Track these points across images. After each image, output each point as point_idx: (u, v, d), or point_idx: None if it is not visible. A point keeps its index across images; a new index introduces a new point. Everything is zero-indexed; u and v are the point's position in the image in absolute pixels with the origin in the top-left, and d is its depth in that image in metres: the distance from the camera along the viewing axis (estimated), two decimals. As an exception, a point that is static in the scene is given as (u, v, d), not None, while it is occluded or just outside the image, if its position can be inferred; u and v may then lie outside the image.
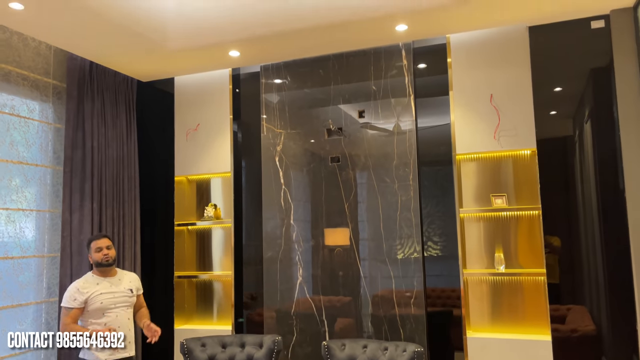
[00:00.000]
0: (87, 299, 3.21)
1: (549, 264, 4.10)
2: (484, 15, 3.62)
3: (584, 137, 4.33)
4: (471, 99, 3.92)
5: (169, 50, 3.90)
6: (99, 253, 3.34)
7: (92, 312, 3.23)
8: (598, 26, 3.69)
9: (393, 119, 4.17)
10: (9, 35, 3.74)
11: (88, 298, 3.21)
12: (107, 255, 3.35)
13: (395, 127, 4.16)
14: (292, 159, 4.41)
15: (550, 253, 4.30)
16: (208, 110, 4.62)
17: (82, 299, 3.20)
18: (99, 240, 3.38)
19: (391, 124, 4.18)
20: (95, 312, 3.24)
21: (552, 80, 4.07)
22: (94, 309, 3.23)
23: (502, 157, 3.88)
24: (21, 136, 3.82)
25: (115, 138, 4.35)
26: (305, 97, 4.46)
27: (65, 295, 3.24)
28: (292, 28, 3.63)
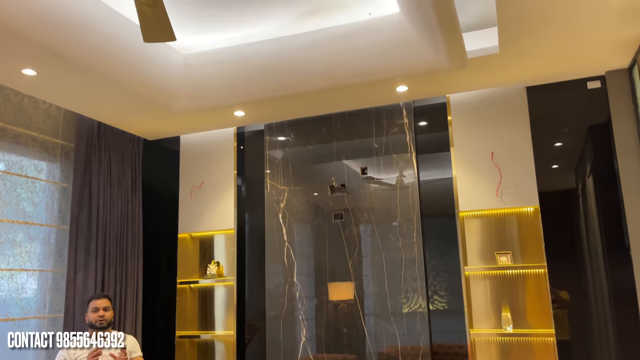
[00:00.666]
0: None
1: (558, 318, 4.02)
2: (482, 77, 3.73)
3: (587, 192, 4.35)
4: (472, 156, 3.96)
5: (176, 112, 4.00)
6: (95, 314, 3.32)
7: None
8: (594, 87, 3.78)
9: (395, 173, 4.22)
10: (20, 99, 3.85)
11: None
12: (103, 317, 3.32)
13: (397, 182, 4.20)
14: (295, 216, 4.42)
15: (560, 308, 4.23)
16: (213, 167, 4.68)
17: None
18: (98, 300, 3.36)
19: (394, 179, 4.22)
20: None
21: (552, 136, 4.13)
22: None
23: (506, 214, 3.88)
24: (28, 196, 3.86)
25: (121, 196, 4.39)
26: (308, 154, 4.53)
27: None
28: (295, 92, 3.74)
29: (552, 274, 3.71)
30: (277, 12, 3.35)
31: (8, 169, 3.73)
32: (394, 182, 4.21)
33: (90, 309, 3.35)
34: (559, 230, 4.06)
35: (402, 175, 4.18)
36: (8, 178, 3.73)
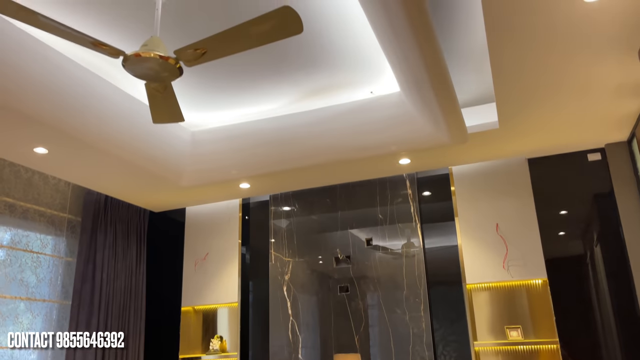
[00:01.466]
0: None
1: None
2: (483, 151, 3.79)
3: (595, 260, 4.29)
4: (477, 227, 3.96)
5: (182, 187, 4.06)
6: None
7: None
8: (595, 159, 3.83)
9: (401, 241, 4.20)
10: (30, 175, 3.93)
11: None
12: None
13: (403, 250, 4.18)
14: (300, 288, 4.36)
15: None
16: (217, 238, 4.68)
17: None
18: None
19: (399, 247, 4.20)
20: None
21: (556, 205, 4.14)
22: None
23: (514, 286, 3.82)
24: (32, 271, 3.85)
25: (125, 269, 4.37)
26: (313, 224, 4.53)
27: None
28: (300, 166, 3.80)
29: (565, 349, 3.59)
30: (283, 91, 3.48)
31: (14, 244, 3.75)
32: (399, 250, 4.19)
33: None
34: (569, 302, 3.97)
35: (407, 245, 4.16)
36: (14, 253, 3.74)
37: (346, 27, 2.78)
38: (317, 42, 2.90)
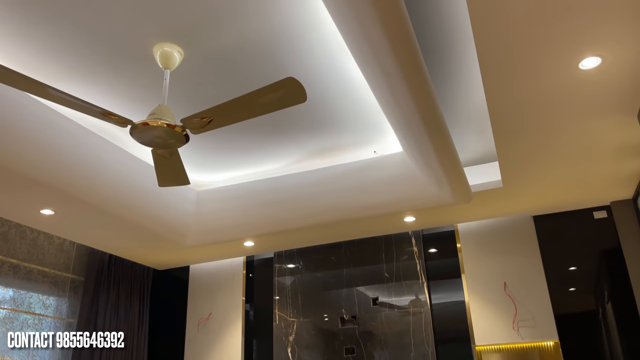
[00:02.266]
0: None
1: None
2: (488, 209, 3.79)
3: (607, 317, 4.18)
4: (484, 286, 3.89)
5: (186, 246, 4.05)
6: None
7: None
8: (601, 216, 3.81)
9: (407, 299, 4.12)
10: (36, 235, 3.94)
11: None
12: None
13: (410, 308, 4.09)
14: (305, 350, 4.25)
15: None
16: (221, 296, 4.61)
17: None
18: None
19: (406, 304, 4.12)
20: None
21: (564, 261, 4.08)
22: None
23: (526, 348, 3.71)
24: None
25: (126, 330, 4.29)
26: (318, 281, 4.47)
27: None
28: (305, 225, 3.80)
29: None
30: (287, 151, 3.52)
31: (17, 305, 3.70)
32: (406, 307, 4.10)
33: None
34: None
35: (414, 302, 4.08)
36: (15, 316, 3.69)
37: (348, 91, 2.85)
38: (320, 105, 2.97)
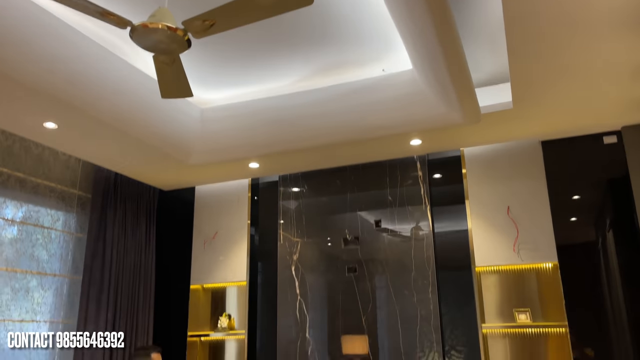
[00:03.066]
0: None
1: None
2: (496, 132, 3.73)
3: (607, 246, 4.23)
4: (488, 210, 3.91)
5: (191, 165, 4.05)
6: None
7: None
8: (611, 142, 3.75)
9: (410, 225, 4.17)
10: (40, 150, 3.95)
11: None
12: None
13: (412, 234, 4.14)
14: (308, 269, 4.36)
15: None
16: (226, 218, 4.68)
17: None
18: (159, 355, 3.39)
19: (408, 230, 4.16)
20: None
21: (569, 190, 4.08)
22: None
23: (524, 270, 3.78)
24: (43, 247, 3.89)
25: (134, 247, 4.40)
26: (322, 205, 4.51)
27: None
28: (310, 146, 3.77)
29: (574, 333, 3.56)
30: (293, 67, 3.43)
31: (25, 219, 3.78)
32: (408, 234, 4.16)
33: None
34: (579, 287, 3.93)
35: (417, 228, 4.13)
36: (25, 228, 3.77)
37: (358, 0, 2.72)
38: (328, 15, 2.85)
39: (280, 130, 3.72)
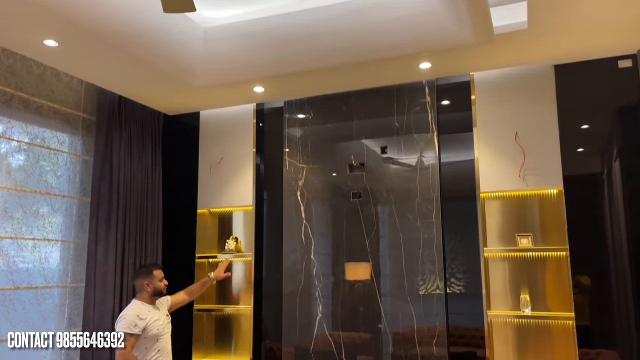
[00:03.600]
0: (145, 325, 3.29)
1: (578, 304, 3.97)
2: (509, 54, 3.62)
3: (613, 176, 4.23)
4: (495, 136, 3.88)
5: (195, 87, 3.99)
6: (162, 282, 3.46)
7: (149, 338, 3.32)
8: (625, 65, 3.65)
9: (416, 154, 4.16)
10: (42, 70, 3.88)
11: (147, 324, 3.30)
12: (167, 285, 3.51)
13: (418, 163, 4.14)
14: (313, 194, 4.41)
15: (580, 293, 4.16)
16: (232, 144, 4.68)
17: (142, 325, 3.28)
18: (161, 271, 3.50)
19: (414, 159, 4.16)
20: (152, 338, 3.33)
21: (578, 118, 4.02)
22: (152, 335, 3.32)
23: (528, 196, 3.81)
24: (50, 167, 3.92)
25: (141, 170, 4.42)
26: (327, 132, 4.49)
27: (123, 321, 3.27)
28: (316, 67, 3.69)
29: (574, 258, 3.64)
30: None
31: (31, 140, 3.78)
32: (414, 163, 4.15)
33: (157, 278, 3.46)
34: (582, 214, 3.97)
35: (423, 157, 4.12)
36: (31, 149, 3.78)
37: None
38: None
39: (285, 50, 3.63)
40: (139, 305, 3.40)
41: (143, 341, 3.33)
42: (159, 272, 3.49)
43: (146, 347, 3.35)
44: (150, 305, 3.44)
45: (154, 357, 3.35)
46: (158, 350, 3.38)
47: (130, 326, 3.25)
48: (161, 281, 3.48)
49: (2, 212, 3.51)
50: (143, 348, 3.34)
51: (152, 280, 3.45)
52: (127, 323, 3.25)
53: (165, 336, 3.48)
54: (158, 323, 3.40)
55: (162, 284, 3.48)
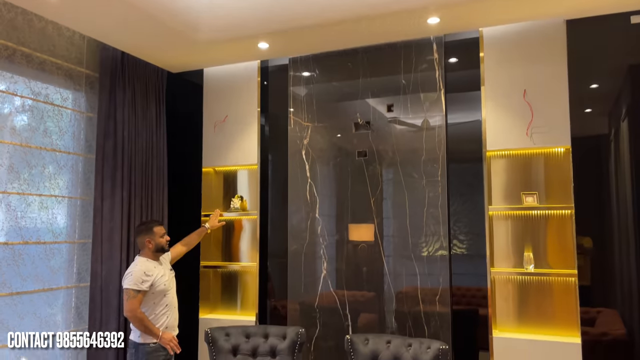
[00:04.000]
0: (152, 282, 3.37)
1: (580, 265, 4.00)
2: (520, 8, 3.53)
3: (620, 136, 4.20)
4: (503, 94, 3.83)
5: (199, 42, 3.92)
6: (163, 238, 3.52)
7: (156, 294, 3.42)
8: (637, 21, 3.56)
9: (422, 114, 4.12)
10: (44, 25, 3.82)
11: (154, 281, 3.37)
12: (169, 241, 3.57)
13: (424, 123, 4.10)
14: (318, 153, 4.39)
15: (581, 254, 4.19)
16: (236, 102, 4.64)
17: (150, 282, 3.36)
18: (162, 227, 3.56)
19: (420, 120, 4.12)
20: (159, 294, 3.43)
21: (588, 77, 3.96)
22: (159, 290, 3.42)
23: (534, 154, 3.79)
24: (54, 124, 3.90)
25: (145, 128, 4.40)
26: (333, 90, 4.44)
27: (130, 278, 3.34)
28: (322, 21, 3.61)
29: (578, 216, 3.64)
30: None
31: (35, 96, 3.75)
32: (420, 124, 4.12)
33: (158, 235, 3.54)
34: (588, 174, 3.96)
35: (429, 117, 4.08)
36: (36, 106, 3.76)
37: None
38: None
39: (289, 3, 3.54)
40: (145, 262, 3.45)
41: (151, 297, 3.40)
42: (159, 229, 3.53)
43: (154, 303, 3.43)
44: (155, 262, 3.50)
45: (161, 312, 3.43)
46: (166, 305, 3.46)
47: (137, 283, 3.32)
48: (162, 237, 3.52)
49: (8, 169, 3.52)
50: (151, 303, 3.42)
51: (153, 237, 3.49)
52: (134, 280, 3.32)
53: (172, 291, 3.55)
54: (164, 279, 3.46)
55: (164, 239, 3.53)
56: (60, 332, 3.84)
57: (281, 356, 3.65)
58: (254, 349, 3.71)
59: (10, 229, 3.52)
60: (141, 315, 3.31)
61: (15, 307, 3.50)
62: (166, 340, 3.37)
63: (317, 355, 4.20)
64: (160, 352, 3.41)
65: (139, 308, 3.32)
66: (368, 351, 3.41)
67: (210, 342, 3.69)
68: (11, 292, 3.47)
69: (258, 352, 3.69)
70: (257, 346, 3.72)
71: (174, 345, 3.40)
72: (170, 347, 3.39)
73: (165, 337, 3.38)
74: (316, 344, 4.21)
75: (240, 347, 3.71)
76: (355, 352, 3.44)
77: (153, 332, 3.36)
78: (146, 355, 3.40)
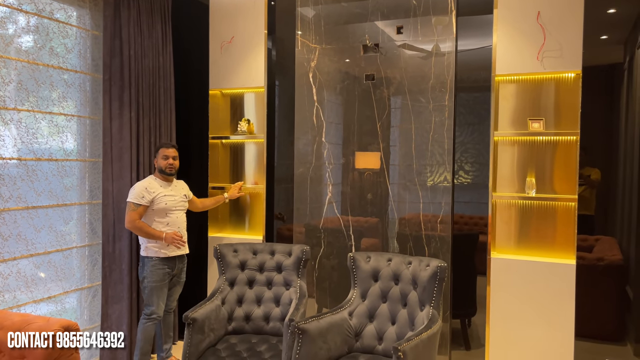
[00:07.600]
0: (153, 198, 3.55)
1: (585, 197, 4.06)
2: None
3: (634, 64, 4.11)
4: (516, 16, 3.72)
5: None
6: (165, 161, 3.68)
7: (157, 211, 3.60)
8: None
9: (432, 38, 4.03)
10: (45, -64, 3.69)
11: (154, 198, 3.57)
12: (172, 165, 3.76)
13: (434, 48, 4.02)
14: (326, 76, 4.35)
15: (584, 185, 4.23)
16: (243, 23, 4.55)
17: (150, 198, 3.56)
18: (168, 150, 3.70)
19: (430, 45, 4.03)
20: (160, 211, 3.61)
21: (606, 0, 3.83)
22: (159, 208, 3.61)
23: (544, 79, 3.74)
24: (60, 42, 3.87)
25: (152, 48, 4.36)
26: (341, 12, 4.32)
27: (132, 192, 3.57)
28: None
29: (584, 144, 3.64)
30: None
31: (39, 11, 3.69)
32: (431, 46, 4.03)
33: (160, 156, 3.68)
34: (598, 100, 3.93)
35: (439, 41, 3.99)
36: (41, 24, 3.71)
37: None
38: None
39: None
40: (151, 180, 3.60)
41: (151, 213, 3.58)
42: (162, 150, 3.69)
43: (155, 220, 3.61)
44: (163, 182, 3.62)
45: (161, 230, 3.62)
46: (167, 224, 3.62)
47: (137, 197, 3.54)
48: (165, 159, 3.64)
49: (17, 86, 3.54)
50: (152, 220, 3.59)
51: (157, 158, 3.63)
52: (135, 194, 3.56)
53: (177, 212, 3.70)
54: (168, 199, 3.61)
55: (164, 162, 3.66)
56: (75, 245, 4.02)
57: (287, 271, 3.82)
58: (260, 264, 3.88)
59: (22, 146, 3.60)
60: (140, 224, 3.53)
61: (31, 220, 3.64)
62: (169, 238, 3.58)
63: (321, 272, 4.38)
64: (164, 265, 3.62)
65: (138, 219, 3.52)
66: (369, 268, 3.56)
67: (219, 258, 3.86)
68: (27, 206, 3.61)
69: (265, 268, 3.86)
70: (263, 262, 3.88)
71: (177, 241, 3.61)
72: (175, 244, 3.61)
73: (168, 235, 3.57)
74: (320, 262, 4.39)
75: (248, 262, 3.88)
76: (358, 269, 3.58)
77: (155, 235, 3.58)
78: (150, 267, 3.62)
